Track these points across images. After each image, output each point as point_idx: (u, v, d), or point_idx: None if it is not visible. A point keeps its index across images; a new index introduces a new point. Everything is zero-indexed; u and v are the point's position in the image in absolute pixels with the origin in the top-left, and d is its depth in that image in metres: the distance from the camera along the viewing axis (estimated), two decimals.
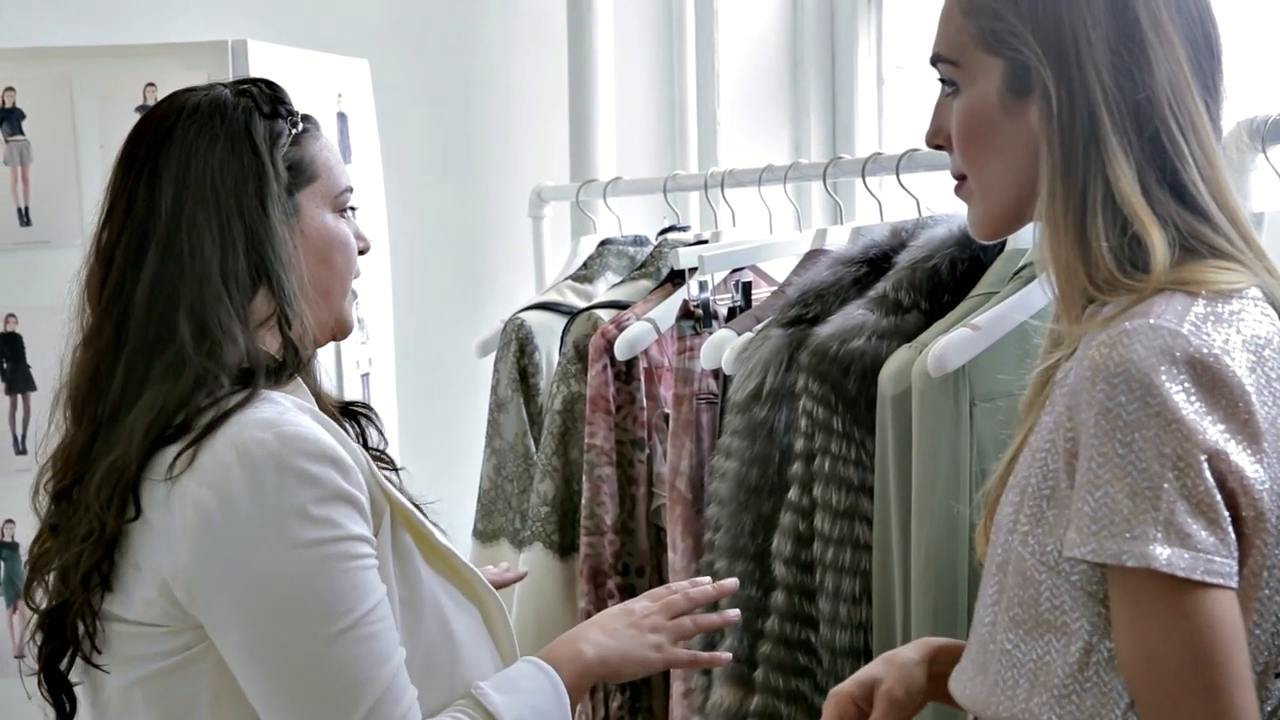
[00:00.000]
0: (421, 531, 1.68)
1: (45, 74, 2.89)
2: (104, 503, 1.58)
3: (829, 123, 3.90)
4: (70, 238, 2.87)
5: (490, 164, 3.77)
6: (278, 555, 1.53)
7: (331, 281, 1.73)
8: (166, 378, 1.59)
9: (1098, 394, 1.28)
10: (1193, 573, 1.24)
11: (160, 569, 1.57)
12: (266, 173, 1.65)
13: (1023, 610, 1.36)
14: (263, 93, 1.71)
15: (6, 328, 2.88)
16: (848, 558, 1.98)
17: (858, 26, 3.82)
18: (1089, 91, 1.36)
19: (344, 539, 1.55)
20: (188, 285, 1.61)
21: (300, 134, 1.72)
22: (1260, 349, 1.31)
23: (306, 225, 1.70)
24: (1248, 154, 1.91)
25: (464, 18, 3.77)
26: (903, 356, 1.95)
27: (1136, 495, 1.25)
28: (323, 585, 1.53)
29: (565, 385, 2.67)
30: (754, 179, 2.77)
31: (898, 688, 1.52)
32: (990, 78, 1.42)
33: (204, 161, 1.64)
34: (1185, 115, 1.36)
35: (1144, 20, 1.36)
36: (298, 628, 1.54)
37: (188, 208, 1.62)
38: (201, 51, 2.88)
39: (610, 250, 3.03)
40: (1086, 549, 1.28)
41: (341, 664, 1.53)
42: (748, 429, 2.11)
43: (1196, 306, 1.30)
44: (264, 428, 1.55)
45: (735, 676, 2.08)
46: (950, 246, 2.06)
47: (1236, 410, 1.27)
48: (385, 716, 1.55)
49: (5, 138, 2.87)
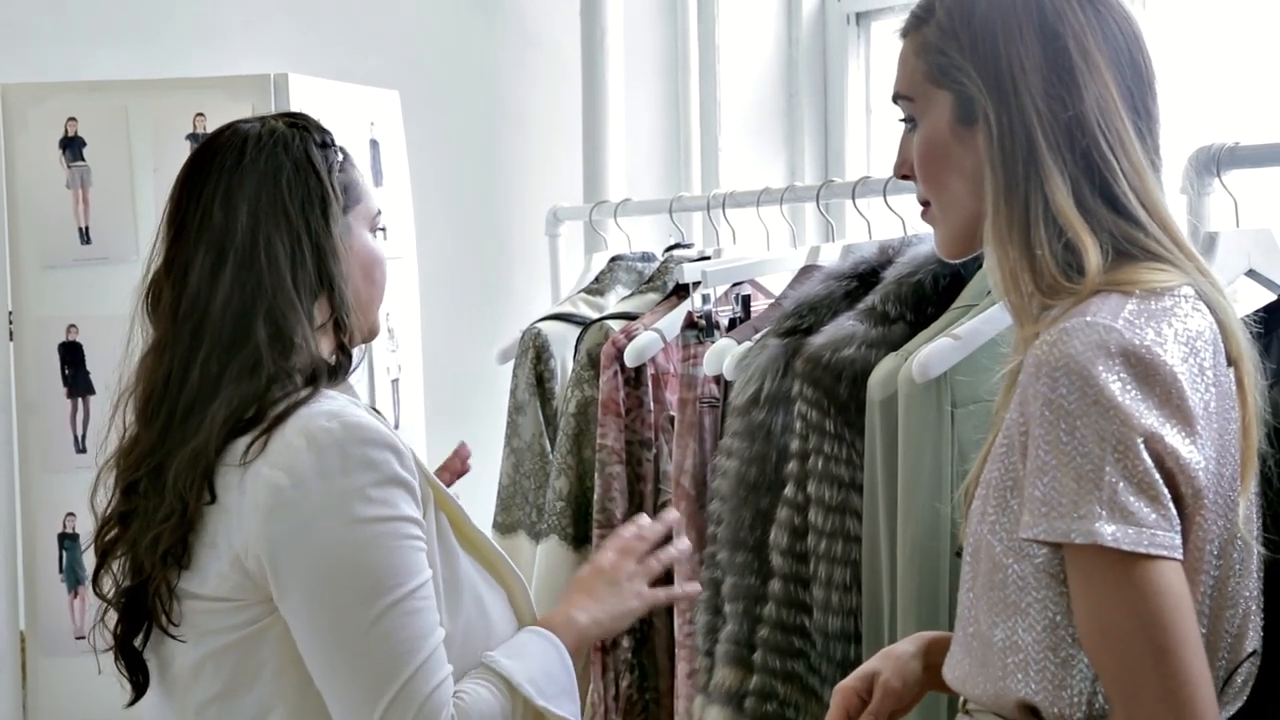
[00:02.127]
0: (458, 517, 1.72)
1: (104, 105, 2.90)
2: (185, 487, 1.62)
3: (821, 148, 3.90)
4: (126, 254, 2.88)
5: (510, 186, 3.77)
6: (339, 530, 1.57)
7: (372, 292, 1.78)
8: (242, 376, 1.64)
9: (1041, 387, 1.29)
10: (1137, 546, 1.25)
11: (234, 545, 1.61)
12: (329, 195, 1.71)
13: (993, 594, 1.37)
14: (312, 124, 1.76)
15: (68, 337, 2.89)
16: (839, 549, 1.98)
17: (848, 60, 3.83)
18: (1025, 116, 1.37)
19: (398, 519, 1.59)
20: (264, 294, 1.66)
21: (343, 162, 1.77)
22: (1192, 340, 1.33)
23: (354, 242, 1.75)
24: (1203, 179, 1.91)
25: (487, 52, 3.77)
26: (890, 364, 1.95)
27: (1081, 478, 1.26)
28: (377, 560, 1.58)
29: (579, 390, 2.67)
30: (753, 200, 2.77)
31: (894, 679, 1.53)
32: (941, 110, 1.44)
33: (274, 185, 1.69)
34: (1114, 133, 1.37)
35: (1073, 50, 1.38)
36: (352, 596, 1.57)
37: (263, 226, 1.67)
38: (246, 84, 2.89)
39: (620, 266, 3.03)
40: (1038, 529, 1.29)
41: (387, 634, 1.57)
42: (747, 430, 2.11)
43: (1130, 304, 1.32)
44: (329, 418, 1.60)
45: (736, 658, 2.08)
46: (933, 263, 2.06)
47: (1170, 397, 1.28)
48: (422, 686, 1.58)
49: (68, 163, 2.88)
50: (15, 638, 2.90)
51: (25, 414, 2.90)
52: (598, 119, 3.70)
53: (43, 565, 2.90)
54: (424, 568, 1.61)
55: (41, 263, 2.89)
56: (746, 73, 3.90)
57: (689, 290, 2.57)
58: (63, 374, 2.88)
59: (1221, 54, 2.92)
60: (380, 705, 1.56)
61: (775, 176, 3.83)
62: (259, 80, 2.88)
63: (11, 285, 2.89)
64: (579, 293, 3.02)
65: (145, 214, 2.88)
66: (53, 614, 2.90)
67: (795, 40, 3.87)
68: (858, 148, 3.84)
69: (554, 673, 1.70)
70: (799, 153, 3.90)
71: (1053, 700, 1.33)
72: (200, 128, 2.86)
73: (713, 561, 2.17)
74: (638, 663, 2.56)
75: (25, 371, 2.90)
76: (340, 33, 3.53)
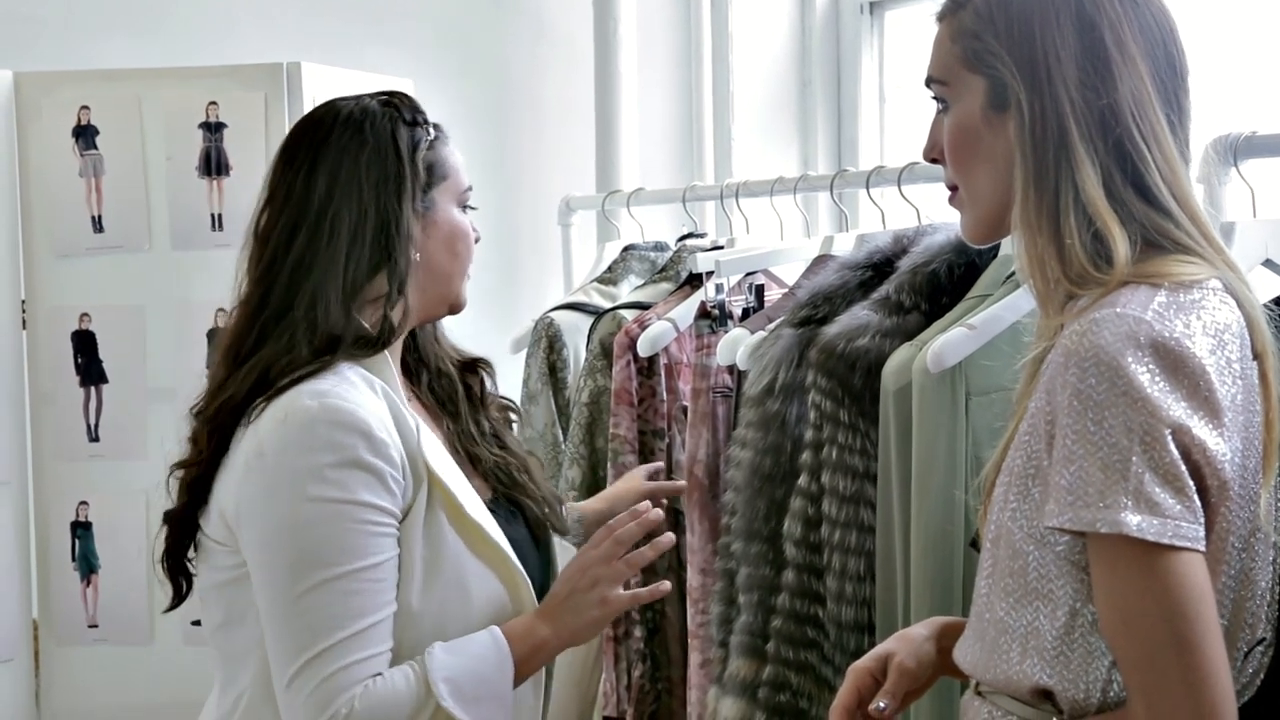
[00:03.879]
0: (455, 504, 1.75)
1: (117, 94, 2.90)
2: (209, 432, 1.76)
3: (835, 138, 3.90)
4: (139, 243, 2.89)
5: (523, 176, 3.77)
6: (290, 504, 1.66)
7: (454, 265, 1.86)
8: (279, 340, 1.75)
9: (1070, 377, 1.29)
10: (1162, 537, 1.25)
11: (224, 499, 1.73)
12: (404, 173, 1.79)
13: (1013, 580, 1.37)
14: (405, 103, 1.83)
15: (81, 326, 2.89)
16: (853, 539, 1.98)
17: (861, 50, 3.82)
18: (1059, 104, 1.37)
19: (351, 502, 1.66)
20: (320, 265, 1.76)
21: (434, 140, 1.84)
22: (1220, 333, 1.32)
23: (438, 216, 1.84)
24: (1220, 168, 1.91)
25: (499, 41, 3.77)
26: (904, 354, 1.95)
27: (1108, 468, 1.26)
28: (318, 537, 1.66)
29: (591, 379, 2.67)
30: (766, 190, 2.76)
31: (909, 660, 1.53)
32: (974, 95, 1.43)
33: (354, 162, 1.78)
34: (1147, 124, 1.37)
35: (1109, 40, 1.37)
36: (286, 567, 1.67)
37: (335, 200, 1.77)
38: (259, 73, 2.88)
39: (633, 255, 3.03)
40: (1064, 518, 1.29)
41: (310, 609, 1.66)
42: (761, 421, 2.11)
43: (1159, 296, 1.32)
44: (314, 395, 1.69)
45: (751, 649, 2.08)
46: (948, 252, 2.05)
47: (1198, 389, 1.28)
48: (331, 663, 1.65)
49: (81, 152, 2.88)
50: (28, 626, 2.91)
51: (38, 403, 2.90)
52: (610, 108, 3.70)
53: (55, 554, 2.90)
54: (371, 551, 1.67)
55: (54, 252, 2.89)
56: (759, 62, 3.89)
57: (702, 280, 2.57)
58: (75, 363, 2.89)
59: (1238, 42, 2.91)
60: (290, 671, 1.66)
61: (788, 166, 3.82)
62: (272, 69, 2.88)
63: (25, 274, 2.89)
64: (592, 282, 3.02)
65: (158, 203, 2.88)
66: (65, 602, 2.91)
67: (808, 29, 3.86)
68: (871, 137, 3.83)
69: (485, 675, 1.73)
70: (812, 142, 3.89)
71: (1069, 686, 1.34)
72: (213, 116, 2.86)
73: (727, 552, 2.16)
74: (649, 653, 2.56)
75: (38, 360, 2.90)
76: (353, 22, 3.53)
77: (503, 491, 1.92)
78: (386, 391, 1.75)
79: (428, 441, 1.76)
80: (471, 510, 1.77)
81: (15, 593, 2.87)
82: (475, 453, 1.92)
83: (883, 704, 1.48)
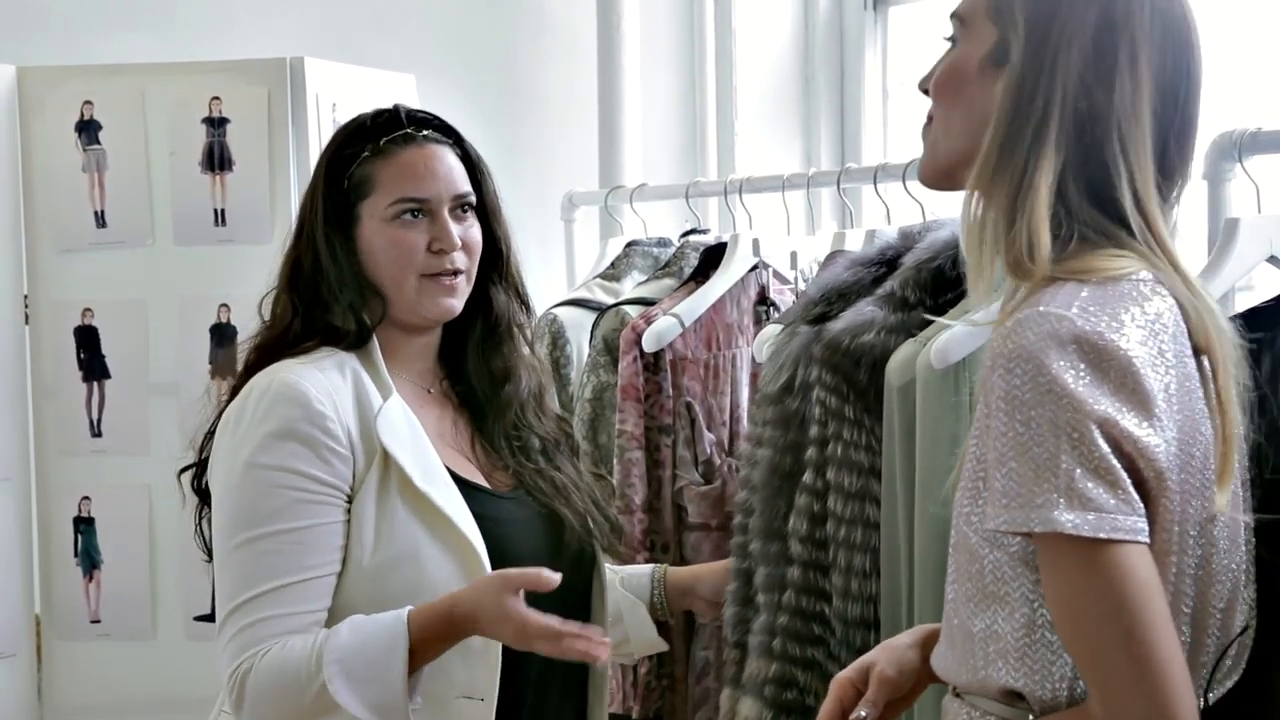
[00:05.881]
0: (405, 477, 1.86)
1: (120, 88, 2.90)
2: (229, 391, 1.94)
3: (838, 133, 3.90)
4: (142, 238, 2.89)
5: (525, 171, 3.76)
6: (230, 467, 1.85)
7: (394, 275, 1.94)
8: (277, 325, 1.95)
9: (997, 379, 1.30)
10: (1098, 532, 1.25)
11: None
12: (317, 189, 1.96)
13: (972, 584, 1.38)
14: (371, 120, 1.97)
15: (84, 321, 2.89)
16: (858, 535, 1.97)
17: (865, 45, 3.82)
18: (1050, 89, 1.36)
19: (282, 469, 1.82)
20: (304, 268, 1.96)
21: (368, 156, 1.94)
22: (1151, 323, 1.32)
23: (361, 230, 1.94)
24: (1224, 165, 1.91)
25: (502, 36, 3.77)
26: (908, 350, 1.95)
27: (1039, 467, 1.27)
28: (247, 499, 1.83)
29: (595, 375, 2.67)
30: (769, 185, 2.76)
31: (889, 669, 1.53)
32: (982, 42, 1.42)
33: (313, 178, 2.00)
34: (1130, 139, 1.36)
35: (1123, 49, 1.36)
36: (223, 524, 1.85)
37: (306, 216, 1.98)
38: (262, 68, 2.89)
39: (636, 251, 3.02)
40: (1000, 520, 1.29)
41: (239, 563, 1.82)
42: (780, 419, 2.09)
43: (1084, 291, 1.32)
44: (272, 372, 1.87)
45: (764, 649, 2.07)
46: (953, 248, 2.04)
47: (1125, 382, 1.28)
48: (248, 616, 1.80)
49: (84, 147, 2.88)
50: (30, 621, 2.91)
51: (41, 398, 2.90)
52: (613, 103, 3.70)
53: (57, 549, 2.91)
54: (296, 516, 1.81)
55: (57, 246, 2.90)
56: (763, 57, 3.89)
57: (707, 274, 2.57)
58: (78, 358, 2.89)
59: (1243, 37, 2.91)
60: (222, 614, 1.84)
61: (791, 161, 3.82)
62: (275, 64, 2.88)
63: (27, 269, 2.90)
64: (595, 278, 3.02)
65: (161, 198, 2.88)
66: (67, 598, 2.91)
67: (812, 25, 3.86)
68: (874, 132, 3.83)
69: (373, 657, 1.77)
70: (815, 137, 3.89)
71: (1035, 687, 1.34)
72: (216, 111, 2.86)
73: (744, 552, 2.14)
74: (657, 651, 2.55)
75: (41, 355, 2.90)
76: (356, 17, 3.53)
77: (542, 499, 2.00)
78: (357, 373, 1.89)
79: (388, 418, 1.87)
80: (421, 482, 1.85)
81: (17, 588, 2.87)
82: (497, 448, 2.02)
83: (863, 713, 1.49)
